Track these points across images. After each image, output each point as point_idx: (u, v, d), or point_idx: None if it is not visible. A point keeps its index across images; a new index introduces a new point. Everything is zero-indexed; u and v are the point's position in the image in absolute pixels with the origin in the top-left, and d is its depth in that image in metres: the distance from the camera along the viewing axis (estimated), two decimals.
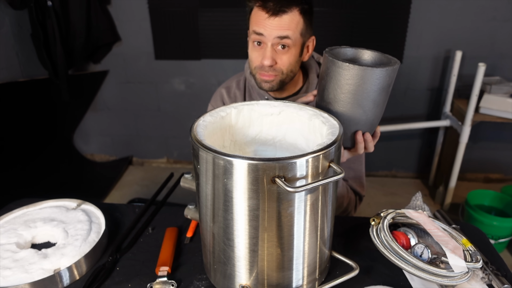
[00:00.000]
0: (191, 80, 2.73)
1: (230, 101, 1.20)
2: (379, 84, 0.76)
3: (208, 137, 0.69)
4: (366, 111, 0.80)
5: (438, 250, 0.83)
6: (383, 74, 0.75)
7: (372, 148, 0.88)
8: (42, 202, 0.99)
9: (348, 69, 0.75)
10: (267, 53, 0.99)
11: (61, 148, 2.89)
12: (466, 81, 2.43)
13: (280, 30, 0.96)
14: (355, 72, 0.75)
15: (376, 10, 2.35)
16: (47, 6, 2.28)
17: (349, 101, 0.78)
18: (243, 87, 1.21)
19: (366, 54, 0.85)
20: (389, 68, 0.75)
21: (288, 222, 0.64)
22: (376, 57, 0.84)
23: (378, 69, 0.74)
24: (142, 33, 2.59)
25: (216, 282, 0.75)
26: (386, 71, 0.75)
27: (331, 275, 0.79)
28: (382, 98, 0.79)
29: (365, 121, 0.82)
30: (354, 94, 0.77)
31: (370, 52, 0.85)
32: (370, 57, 0.85)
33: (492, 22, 2.32)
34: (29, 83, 2.45)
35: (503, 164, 2.70)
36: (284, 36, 0.97)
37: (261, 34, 0.98)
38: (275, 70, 1.02)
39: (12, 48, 2.37)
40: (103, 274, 0.79)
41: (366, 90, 0.76)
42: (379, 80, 0.75)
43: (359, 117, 0.80)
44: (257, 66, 1.03)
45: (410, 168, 2.86)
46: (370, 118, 0.82)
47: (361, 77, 0.75)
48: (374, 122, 0.84)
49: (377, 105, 0.80)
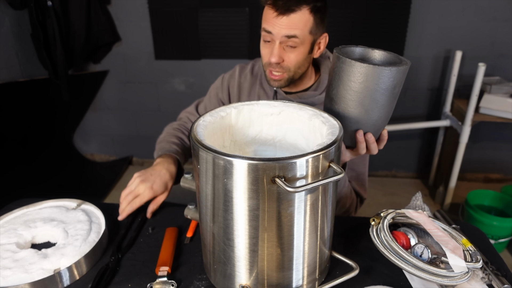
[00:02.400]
0: (191, 80, 2.73)
1: (238, 79, 1.22)
2: (382, 84, 0.75)
3: (208, 137, 0.69)
4: (368, 111, 0.79)
5: (438, 250, 0.83)
6: (385, 74, 0.73)
7: (375, 150, 0.87)
8: (42, 202, 0.99)
9: (350, 65, 0.75)
10: (274, 51, 1.00)
11: (61, 148, 2.89)
12: (466, 81, 2.43)
13: (288, 29, 0.96)
14: (356, 69, 0.74)
15: (376, 10, 2.35)
16: (47, 6, 2.28)
17: (350, 98, 0.78)
18: (256, 72, 1.22)
19: (377, 53, 0.84)
20: (393, 68, 0.73)
21: (288, 222, 0.64)
22: (386, 57, 0.83)
23: (380, 68, 0.73)
24: (142, 33, 2.59)
25: (216, 282, 0.75)
26: (390, 71, 0.73)
27: (331, 275, 0.79)
28: (387, 98, 0.78)
29: (366, 120, 0.81)
30: (355, 91, 0.77)
31: (381, 52, 0.84)
32: (380, 56, 0.84)
33: (492, 22, 2.32)
34: (29, 83, 2.45)
35: (503, 164, 2.70)
36: (292, 35, 0.97)
37: (269, 32, 0.99)
38: (282, 67, 1.03)
39: (12, 48, 2.37)
40: (109, 274, 0.79)
41: (367, 88, 0.75)
42: (381, 79, 0.74)
43: (360, 116, 0.80)
44: (266, 62, 1.05)
45: (410, 168, 2.86)
46: (373, 118, 0.81)
47: (362, 74, 0.74)
48: (377, 123, 0.83)
49: (380, 106, 0.79)
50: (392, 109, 0.82)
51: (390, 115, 0.84)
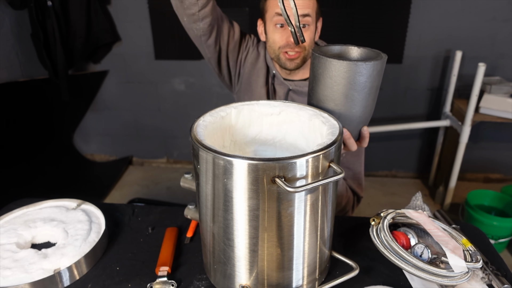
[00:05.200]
0: (191, 80, 2.73)
1: (245, 43, 1.25)
2: (349, 79, 0.75)
3: (208, 137, 0.69)
4: (338, 105, 0.79)
5: (438, 250, 0.83)
6: (351, 68, 0.74)
7: (353, 146, 0.86)
8: (42, 202, 0.99)
9: (319, 61, 0.78)
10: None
11: (61, 148, 2.89)
12: (466, 81, 2.43)
13: (303, 8, 1.03)
14: (324, 64, 0.77)
15: (376, 10, 2.35)
16: (47, 6, 2.28)
17: (322, 93, 0.80)
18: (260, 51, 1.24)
19: (354, 50, 0.86)
20: (361, 63, 0.73)
21: (288, 222, 0.64)
22: (365, 53, 0.84)
23: (345, 62, 0.74)
24: (142, 33, 2.59)
25: (216, 282, 0.75)
26: (348, 64, 0.74)
27: (331, 275, 0.79)
28: (357, 94, 0.77)
29: (338, 115, 0.80)
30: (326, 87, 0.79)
31: (360, 49, 0.85)
32: (358, 53, 0.85)
33: (492, 22, 2.32)
34: (29, 83, 2.45)
35: (503, 164, 2.70)
36: (306, 14, 1.04)
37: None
38: (300, 46, 1.08)
39: (12, 48, 2.37)
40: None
41: (337, 83, 0.76)
42: (347, 74, 0.75)
43: (332, 111, 0.80)
44: (282, 45, 1.09)
45: (410, 168, 2.86)
46: (346, 114, 0.80)
47: (330, 69, 0.76)
48: (352, 118, 0.81)
49: (351, 101, 0.78)
50: (369, 105, 0.82)
51: (368, 111, 0.83)
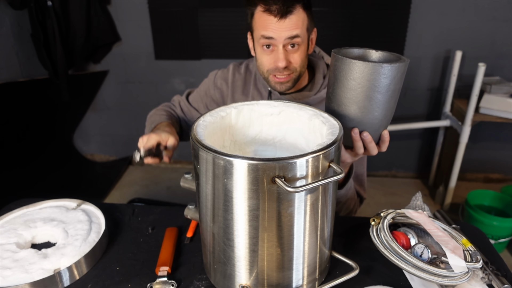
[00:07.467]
0: (191, 80, 2.73)
1: (232, 78, 1.20)
2: (375, 81, 0.74)
3: (208, 137, 0.69)
4: (361, 108, 0.78)
5: (438, 250, 0.83)
6: (377, 70, 0.72)
7: (374, 150, 0.85)
8: (42, 202, 0.99)
9: (343, 63, 0.76)
10: (280, 56, 0.99)
11: (61, 148, 2.89)
12: (466, 81, 2.43)
13: (290, 30, 0.97)
14: (348, 66, 0.75)
15: (376, 10, 2.35)
16: (47, 6, 2.28)
17: (344, 96, 0.78)
18: (250, 71, 1.21)
19: (375, 54, 0.84)
20: (386, 65, 0.72)
21: (288, 222, 0.64)
22: (385, 57, 0.83)
23: (371, 64, 0.72)
24: (142, 33, 2.59)
25: (216, 282, 0.75)
26: (382, 67, 0.72)
27: (331, 275, 0.79)
28: (382, 96, 0.76)
29: (361, 118, 0.79)
30: (349, 89, 0.77)
31: (380, 52, 0.83)
32: (378, 56, 0.84)
33: (492, 22, 2.32)
34: (29, 83, 2.45)
35: (503, 164, 2.70)
36: (294, 35, 0.98)
37: (271, 38, 0.98)
38: (290, 69, 1.02)
39: (12, 48, 2.37)
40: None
41: (361, 85, 0.75)
42: (373, 76, 0.73)
43: (355, 114, 0.79)
44: (270, 68, 1.03)
45: (410, 168, 2.86)
46: (368, 116, 0.79)
47: (354, 71, 0.74)
48: (374, 122, 0.81)
49: (375, 104, 0.77)
50: (391, 108, 0.81)
51: (389, 115, 0.82)
